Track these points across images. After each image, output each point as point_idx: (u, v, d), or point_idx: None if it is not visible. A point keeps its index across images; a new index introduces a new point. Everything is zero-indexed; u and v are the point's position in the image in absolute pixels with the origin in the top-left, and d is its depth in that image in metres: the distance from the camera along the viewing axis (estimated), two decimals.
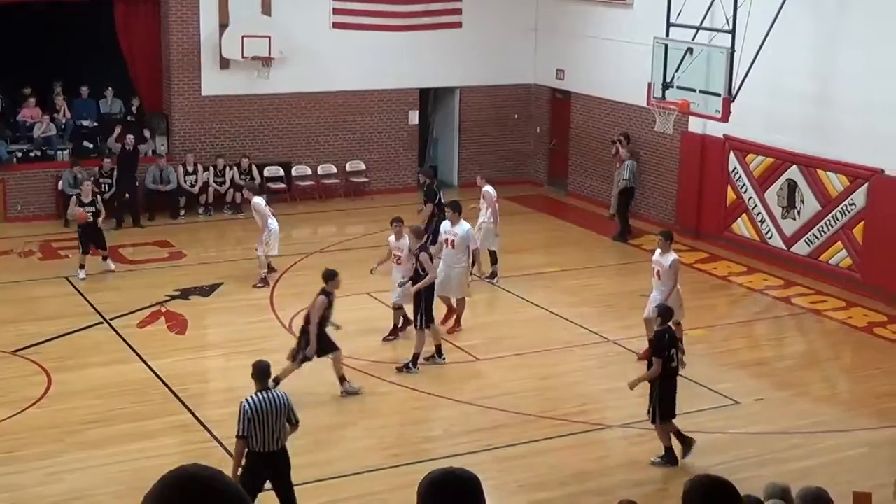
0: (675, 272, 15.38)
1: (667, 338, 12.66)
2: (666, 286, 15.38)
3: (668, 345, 12.64)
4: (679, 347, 13.24)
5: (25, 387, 14.65)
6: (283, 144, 25.09)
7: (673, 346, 12.73)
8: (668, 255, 15.45)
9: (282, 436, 10.80)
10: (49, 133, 23.57)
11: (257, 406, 10.62)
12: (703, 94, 19.12)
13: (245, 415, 10.60)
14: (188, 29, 23.91)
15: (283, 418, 10.77)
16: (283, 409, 10.71)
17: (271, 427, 10.68)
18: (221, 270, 19.97)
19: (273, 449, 10.75)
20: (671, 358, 12.65)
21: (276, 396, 10.83)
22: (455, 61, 26.25)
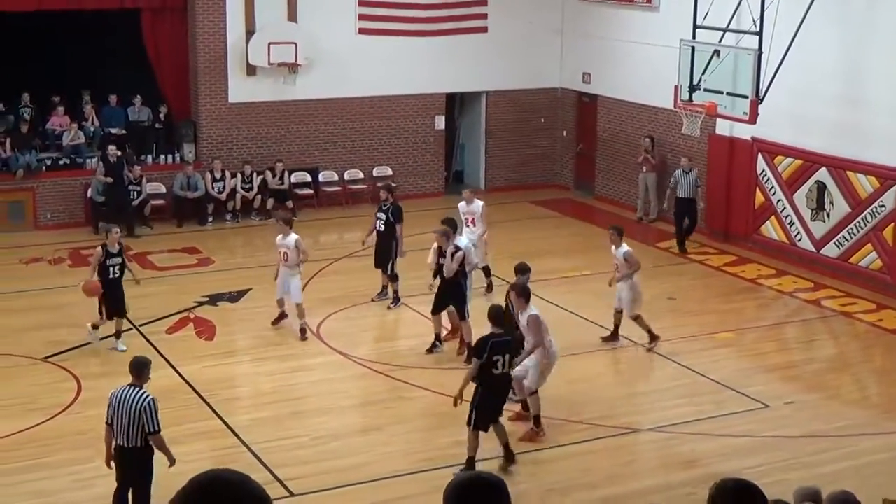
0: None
1: (490, 343, 12.14)
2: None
3: (491, 349, 12.09)
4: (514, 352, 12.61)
5: (55, 393, 14.75)
6: (309, 150, 25.16)
7: (499, 352, 12.10)
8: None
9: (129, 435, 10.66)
10: (78, 141, 23.72)
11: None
12: (731, 96, 19.05)
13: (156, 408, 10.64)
14: (215, 36, 24.03)
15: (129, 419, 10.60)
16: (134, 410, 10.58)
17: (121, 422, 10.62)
18: (249, 276, 20.03)
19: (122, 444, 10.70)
20: (493, 364, 12.11)
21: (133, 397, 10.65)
22: (481, 66, 26.26)
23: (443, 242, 15.98)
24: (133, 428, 10.53)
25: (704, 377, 15.48)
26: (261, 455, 12.99)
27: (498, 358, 12.14)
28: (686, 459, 13.05)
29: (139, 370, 10.85)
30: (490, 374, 12.18)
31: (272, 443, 13.40)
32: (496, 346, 12.16)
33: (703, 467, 12.91)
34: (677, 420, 14.07)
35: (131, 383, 10.76)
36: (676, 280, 20.28)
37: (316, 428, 13.89)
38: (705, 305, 18.88)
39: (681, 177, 22.01)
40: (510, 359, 12.34)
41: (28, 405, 14.41)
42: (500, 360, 12.16)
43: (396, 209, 18.40)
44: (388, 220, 18.25)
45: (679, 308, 18.49)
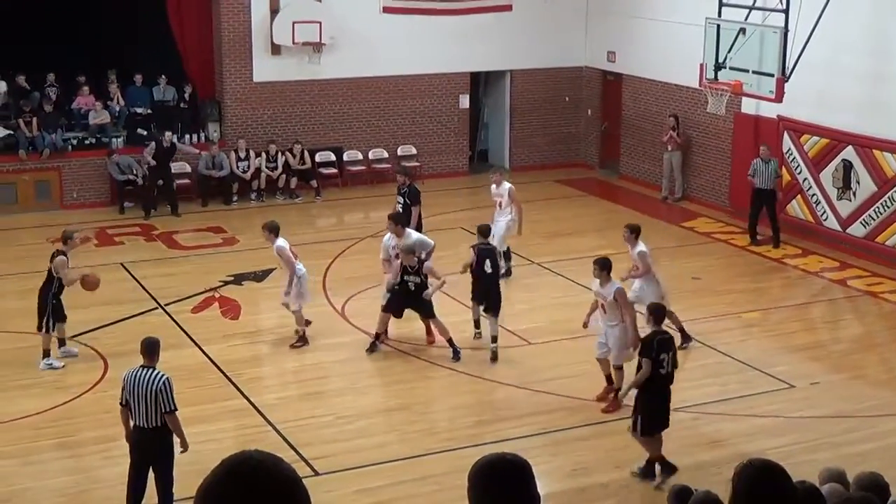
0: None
1: (656, 341, 11.76)
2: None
3: (658, 348, 11.72)
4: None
5: (82, 372, 14.85)
6: (334, 130, 25.16)
7: (664, 350, 11.76)
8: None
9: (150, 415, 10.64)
10: (103, 120, 23.80)
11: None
12: (756, 74, 18.94)
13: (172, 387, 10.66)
14: (239, 15, 24.03)
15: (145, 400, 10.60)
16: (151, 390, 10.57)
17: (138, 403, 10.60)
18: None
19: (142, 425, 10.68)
20: (660, 363, 11.73)
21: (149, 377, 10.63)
22: (506, 44, 26.18)
23: (409, 261, 15.25)
24: (151, 408, 10.57)
25: (730, 357, 15.44)
26: (286, 434, 13.04)
27: (664, 356, 11.70)
28: (712, 440, 13.03)
29: (151, 350, 10.86)
30: (657, 375, 11.74)
31: (297, 422, 13.45)
32: (662, 344, 11.75)
33: (728, 447, 12.89)
34: (703, 400, 14.04)
35: (144, 364, 10.76)
36: (701, 260, 20.20)
37: (341, 407, 13.94)
38: (731, 285, 18.81)
39: (760, 166, 20.64)
40: (674, 357, 11.87)
41: (56, 383, 14.52)
42: (665, 359, 11.71)
43: (413, 192, 18.39)
44: (405, 203, 18.25)
45: (704, 288, 18.43)
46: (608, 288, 13.52)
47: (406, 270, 15.25)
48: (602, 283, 13.58)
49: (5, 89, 23.79)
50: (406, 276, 15.22)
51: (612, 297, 13.45)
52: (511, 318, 16.95)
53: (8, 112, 23.54)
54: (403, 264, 15.27)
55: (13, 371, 14.95)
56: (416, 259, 15.23)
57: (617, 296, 13.44)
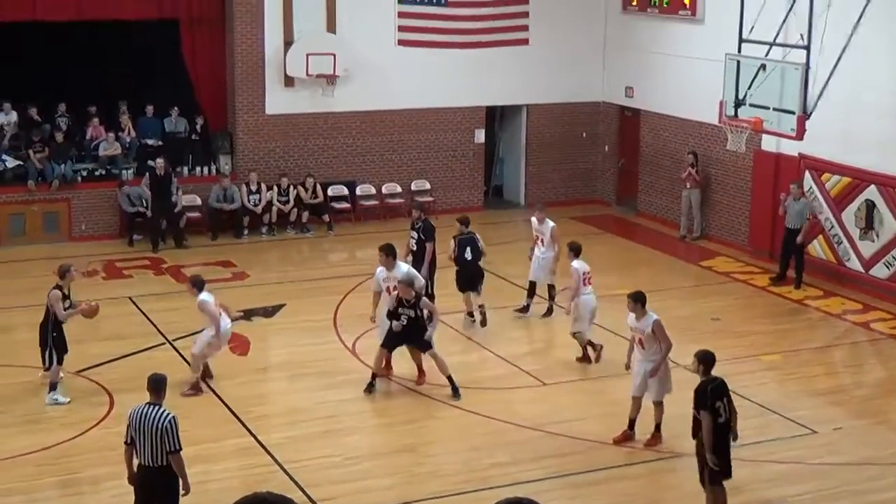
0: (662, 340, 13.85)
1: (709, 389, 11.54)
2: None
3: (712, 395, 11.48)
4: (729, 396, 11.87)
5: (88, 408, 14.77)
6: (347, 163, 25.17)
7: (718, 397, 11.55)
8: (646, 318, 13.78)
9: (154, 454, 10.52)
10: (114, 152, 23.84)
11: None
12: (777, 111, 18.87)
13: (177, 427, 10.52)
14: (253, 47, 24.12)
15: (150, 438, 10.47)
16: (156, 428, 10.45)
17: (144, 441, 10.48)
18: (285, 291, 20.05)
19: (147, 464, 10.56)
20: (716, 412, 11.46)
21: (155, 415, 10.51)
22: (522, 78, 26.21)
23: (406, 293, 15.13)
24: (157, 447, 10.45)
25: (749, 400, 15.26)
26: (294, 474, 12.93)
27: (719, 405, 11.52)
28: (730, 486, 12.82)
29: (158, 387, 10.74)
30: (715, 423, 11.50)
31: (305, 462, 13.34)
32: (715, 391, 11.55)
33: (748, 494, 12.73)
34: None
35: (150, 401, 10.65)
36: (720, 300, 20.08)
37: (349, 447, 13.83)
38: (749, 327, 18.67)
39: (790, 204, 20.52)
40: (729, 402, 11.67)
41: (60, 419, 14.45)
42: (720, 406, 11.53)
43: (427, 228, 18.38)
44: (419, 239, 18.24)
45: (723, 329, 18.29)
46: (645, 321, 13.58)
47: (401, 303, 15.17)
48: (638, 316, 13.65)
49: (15, 119, 23.87)
50: (401, 309, 15.13)
51: (650, 329, 13.48)
52: (525, 358, 16.88)
53: (18, 142, 23.60)
54: (399, 296, 15.19)
55: (19, 406, 14.90)
56: (413, 293, 15.14)
57: (654, 328, 13.49)
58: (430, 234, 18.29)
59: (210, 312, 15.28)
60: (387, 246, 16.18)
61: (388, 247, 16.18)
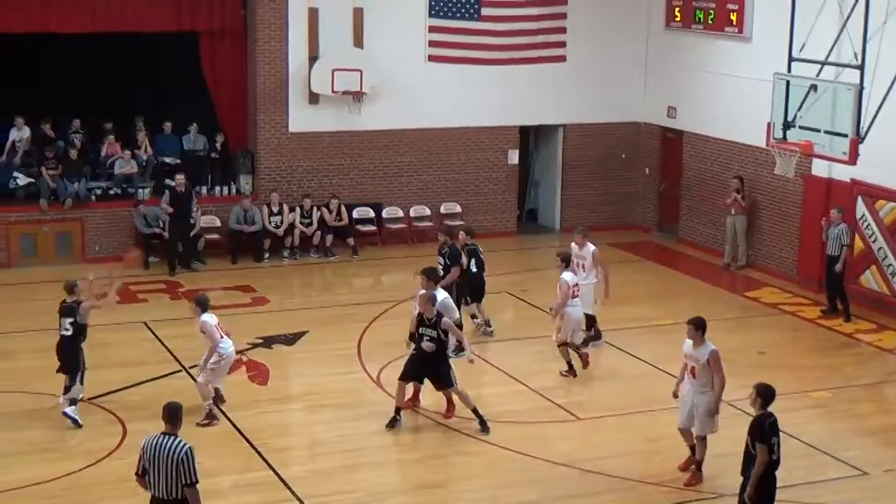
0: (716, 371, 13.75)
1: (768, 424, 11.60)
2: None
3: (769, 431, 11.56)
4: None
5: (100, 437, 14.89)
6: (373, 184, 25.30)
7: (775, 433, 11.61)
8: (704, 347, 13.68)
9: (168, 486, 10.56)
10: (130, 170, 24.06)
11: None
12: (829, 134, 18.80)
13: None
14: (276, 62, 24.30)
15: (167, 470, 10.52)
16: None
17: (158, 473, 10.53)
18: (306, 318, 20.14)
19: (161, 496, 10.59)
20: (771, 448, 11.55)
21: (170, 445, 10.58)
22: (559, 97, 26.30)
23: (426, 309, 15.31)
24: (171, 479, 10.47)
25: (796, 439, 15.22)
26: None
27: (775, 441, 11.59)
28: None
29: (173, 417, 10.77)
30: (770, 461, 11.60)
31: (327, 497, 13.40)
32: (773, 427, 11.62)
33: None
34: None
35: (165, 431, 10.68)
36: (767, 333, 20.03)
37: (373, 482, 13.87)
38: (798, 361, 18.62)
39: (830, 231, 20.68)
40: (778, 441, 11.72)
41: (71, 449, 14.58)
42: (776, 443, 11.62)
43: (454, 253, 18.65)
44: (445, 265, 18.41)
45: (769, 363, 18.23)
46: (702, 350, 13.55)
47: (423, 322, 15.27)
48: (696, 344, 13.62)
49: (28, 135, 24.13)
50: (422, 329, 15.25)
51: (706, 359, 13.46)
52: (558, 391, 16.89)
53: (31, 159, 23.85)
54: (420, 313, 15.31)
55: (26, 434, 15.02)
56: (434, 311, 15.23)
57: (710, 359, 13.45)
58: (456, 260, 18.49)
59: (209, 333, 15.49)
60: (430, 269, 16.58)
61: (431, 270, 16.59)
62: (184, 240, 23.14)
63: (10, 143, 24.00)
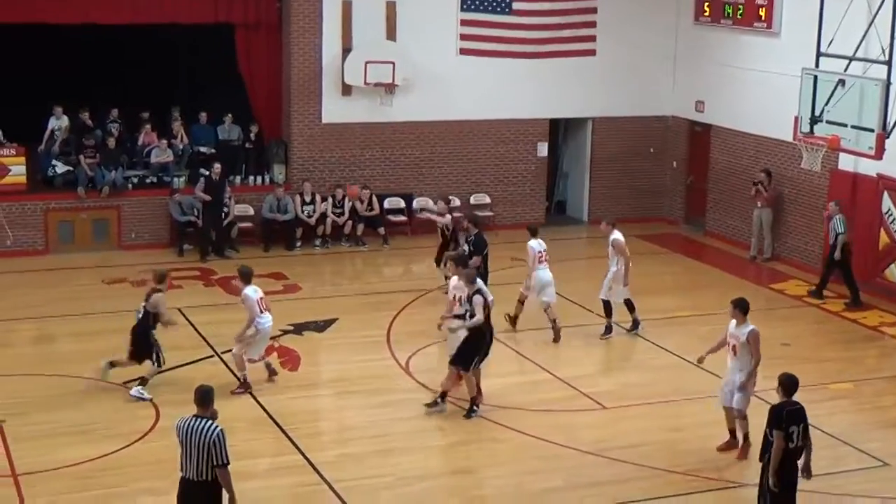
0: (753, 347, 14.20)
1: (786, 412, 11.66)
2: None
3: (787, 419, 11.60)
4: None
5: (133, 420, 15.01)
6: (404, 175, 25.35)
7: (794, 422, 11.66)
8: (744, 327, 14.14)
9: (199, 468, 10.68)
10: (166, 159, 24.19)
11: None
12: (855, 129, 18.72)
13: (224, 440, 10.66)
14: (310, 54, 24.38)
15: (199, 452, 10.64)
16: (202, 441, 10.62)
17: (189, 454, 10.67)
18: (337, 305, 20.22)
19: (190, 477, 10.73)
20: (789, 436, 11.59)
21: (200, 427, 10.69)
22: (588, 91, 26.26)
23: (456, 272, 15.88)
24: (202, 461, 10.57)
25: (819, 430, 15.15)
26: (343, 494, 13.06)
27: (794, 430, 11.65)
28: None
29: (204, 399, 10.87)
30: (785, 448, 11.65)
31: (355, 481, 13.46)
32: (791, 416, 11.67)
33: None
34: None
35: (196, 414, 10.78)
36: (791, 325, 19.97)
37: (402, 468, 13.93)
38: (821, 353, 18.57)
39: (831, 223, 21.15)
40: (805, 430, 11.78)
41: (105, 431, 14.69)
42: (795, 432, 11.67)
43: (478, 241, 18.88)
44: (470, 251, 18.62)
45: (793, 355, 18.17)
46: (742, 329, 14.05)
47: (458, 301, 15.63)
48: (737, 323, 14.14)
49: (67, 124, 24.30)
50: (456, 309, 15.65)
51: (745, 338, 13.97)
52: (584, 380, 16.90)
53: (69, 148, 24.02)
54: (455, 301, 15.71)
55: (63, 416, 15.16)
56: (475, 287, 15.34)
57: (750, 337, 13.97)
58: (480, 248, 18.74)
59: (249, 306, 15.98)
60: (458, 255, 16.92)
61: (459, 256, 16.84)
62: (217, 228, 23.26)
63: (49, 132, 24.16)
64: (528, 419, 15.37)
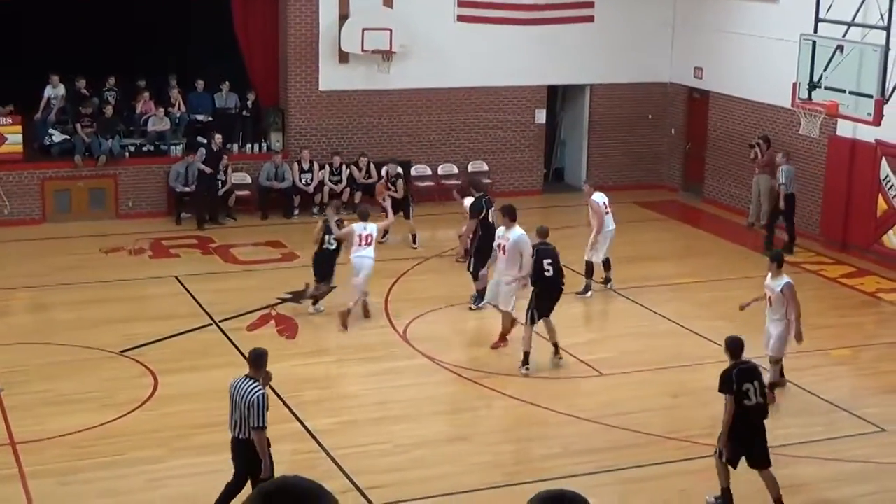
0: (791, 302, 14.90)
1: (734, 372, 11.85)
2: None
3: (738, 380, 11.78)
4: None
5: (131, 389, 15.01)
6: (402, 143, 25.26)
7: (747, 380, 11.81)
8: (779, 280, 14.83)
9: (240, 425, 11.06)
10: (163, 127, 24.11)
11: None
12: (854, 95, 18.67)
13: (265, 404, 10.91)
14: (307, 21, 24.25)
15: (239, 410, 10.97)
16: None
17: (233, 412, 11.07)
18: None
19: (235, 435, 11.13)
20: (744, 394, 11.77)
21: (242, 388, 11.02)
22: (586, 57, 26.14)
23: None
24: (243, 419, 10.95)
25: (816, 396, 15.22)
26: (340, 461, 13.07)
27: (748, 387, 11.80)
28: (792, 483, 12.82)
29: (257, 362, 11.27)
30: (742, 407, 11.80)
31: (353, 449, 13.47)
32: (743, 374, 11.86)
33: (810, 493, 12.72)
34: (785, 441, 13.82)
35: (248, 374, 11.17)
36: None
37: (400, 435, 13.94)
38: (819, 319, 18.51)
39: (779, 173, 22.13)
40: (761, 386, 11.98)
41: (103, 399, 14.69)
42: (750, 389, 11.81)
43: (476, 205, 18.71)
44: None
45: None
46: (777, 282, 14.66)
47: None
48: (773, 276, 14.75)
49: (63, 93, 24.19)
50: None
51: (780, 290, 14.56)
52: (582, 347, 16.89)
53: (66, 116, 23.92)
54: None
55: (61, 384, 15.16)
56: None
57: (785, 290, 14.58)
58: (475, 213, 18.58)
59: (349, 237, 17.75)
60: (507, 207, 16.83)
61: (508, 208, 16.78)
62: (212, 195, 23.18)
63: (46, 101, 24.07)
64: (526, 387, 15.37)
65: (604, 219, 19.09)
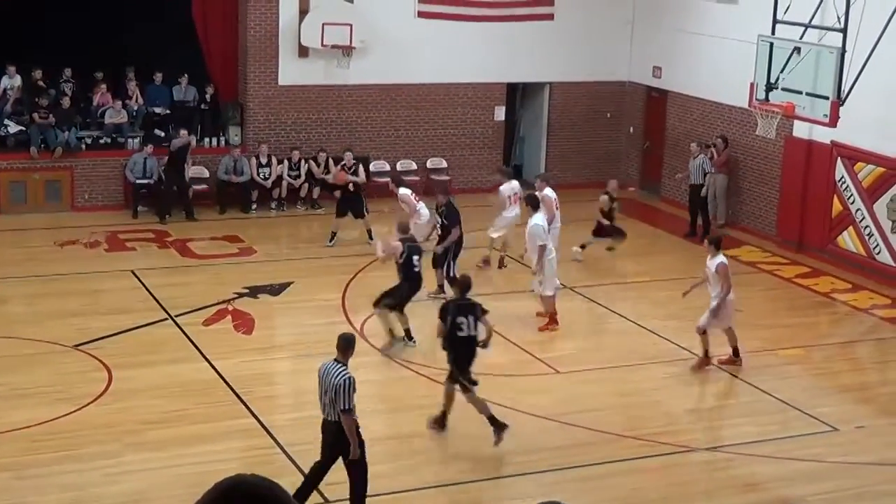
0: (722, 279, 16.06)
1: (451, 305, 13.66)
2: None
3: (454, 311, 13.47)
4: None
5: (85, 383, 14.91)
6: (361, 138, 25.21)
7: (463, 314, 13.45)
8: (715, 259, 16.12)
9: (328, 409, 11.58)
10: (120, 120, 23.94)
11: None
12: (810, 96, 18.83)
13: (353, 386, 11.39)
14: (267, 15, 24.15)
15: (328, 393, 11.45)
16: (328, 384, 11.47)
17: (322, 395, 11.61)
18: (292, 269, 20.13)
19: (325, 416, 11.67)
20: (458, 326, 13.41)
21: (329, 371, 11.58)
22: (546, 55, 26.19)
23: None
24: (331, 402, 11.34)
25: (770, 395, 15.34)
26: (296, 458, 13.04)
27: (462, 320, 13.45)
28: (746, 483, 12.94)
29: (345, 346, 11.72)
30: (455, 338, 13.45)
31: (309, 445, 13.35)
32: (459, 309, 13.55)
33: (764, 492, 12.82)
34: (738, 440, 13.96)
35: (336, 358, 11.60)
36: (744, 291, 19.97)
37: None
38: (774, 319, 18.71)
39: (690, 162, 23.35)
40: (475, 321, 13.54)
41: (57, 394, 14.59)
42: (464, 322, 13.46)
43: (451, 211, 18.81)
44: (443, 224, 18.55)
45: (746, 321, 18.24)
46: (713, 261, 15.93)
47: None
48: (711, 256, 16.04)
49: (19, 84, 23.97)
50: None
51: (714, 269, 15.78)
52: (539, 345, 16.94)
53: (21, 108, 23.71)
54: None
55: (13, 378, 15.04)
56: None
57: (719, 268, 15.82)
58: (454, 219, 18.67)
59: (409, 203, 19.43)
60: (529, 196, 18.27)
61: (529, 197, 18.23)
62: (180, 188, 23.05)
63: (2, 91, 23.82)
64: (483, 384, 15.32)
65: (555, 214, 19.38)
